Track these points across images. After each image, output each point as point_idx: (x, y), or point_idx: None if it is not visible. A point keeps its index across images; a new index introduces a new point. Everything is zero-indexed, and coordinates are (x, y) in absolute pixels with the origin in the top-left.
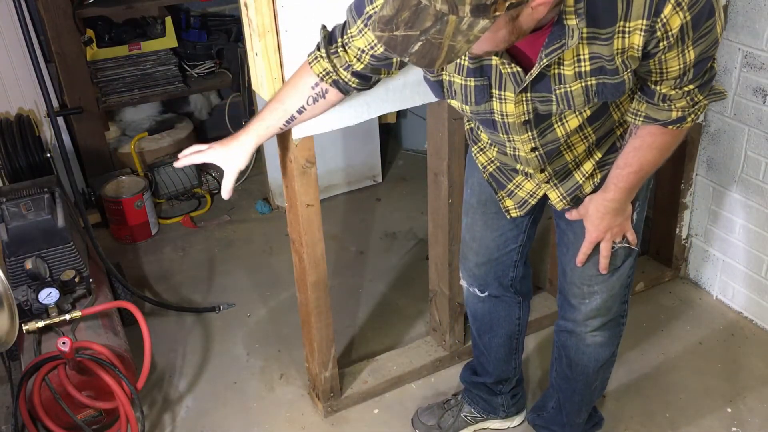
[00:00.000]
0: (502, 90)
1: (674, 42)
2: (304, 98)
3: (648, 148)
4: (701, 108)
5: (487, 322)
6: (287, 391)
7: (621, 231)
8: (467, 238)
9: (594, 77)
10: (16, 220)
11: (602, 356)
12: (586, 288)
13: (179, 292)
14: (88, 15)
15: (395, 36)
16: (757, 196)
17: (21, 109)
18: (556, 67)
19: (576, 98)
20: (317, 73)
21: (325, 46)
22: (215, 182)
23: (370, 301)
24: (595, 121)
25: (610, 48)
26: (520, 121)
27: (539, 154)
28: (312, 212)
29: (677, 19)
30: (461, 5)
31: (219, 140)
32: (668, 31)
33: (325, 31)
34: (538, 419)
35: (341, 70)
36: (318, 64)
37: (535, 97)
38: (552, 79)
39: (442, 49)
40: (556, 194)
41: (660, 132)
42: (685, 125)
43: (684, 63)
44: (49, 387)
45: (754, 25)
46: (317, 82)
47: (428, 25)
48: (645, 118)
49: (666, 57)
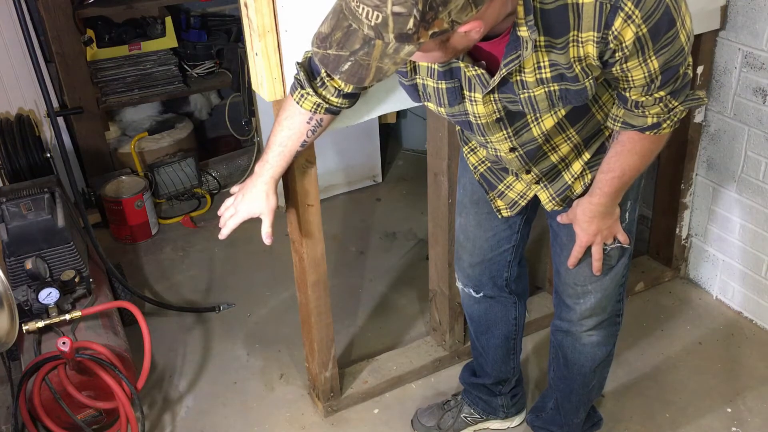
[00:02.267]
0: (471, 91)
1: (631, 53)
2: (303, 135)
3: (629, 153)
4: (678, 114)
5: (483, 323)
6: (287, 391)
7: (611, 233)
8: (461, 238)
9: (556, 83)
10: (16, 220)
11: (599, 355)
12: (580, 288)
13: (179, 292)
14: (88, 15)
15: (328, 54)
16: (757, 196)
17: (21, 109)
18: (518, 74)
19: (540, 102)
20: (308, 109)
21: (309, 82)
22: (215, 182)
23: (370, 301)
24: (577, 122)
25: (567, 56)
26: (492, 119)
27: (519, 154)
28: (312, 212)
29: (629, 31)
30: (385, 32)
31: (240, 190)
32: (622, 43)
33: (303, 68)
34: (536, 420)
35: (332, 98)
36: (306, 101)
37: (502, 98)
38: (515, 85)
39: (370, 69)
40: (546, 195)
41: (639, 138)
42: (663, 131)
43: (648, 72)
44: (49, 387)
45: (754, 25)
46: (311, 117)
47: (357, 47)
48: (623, 123)
49: (627, 66)
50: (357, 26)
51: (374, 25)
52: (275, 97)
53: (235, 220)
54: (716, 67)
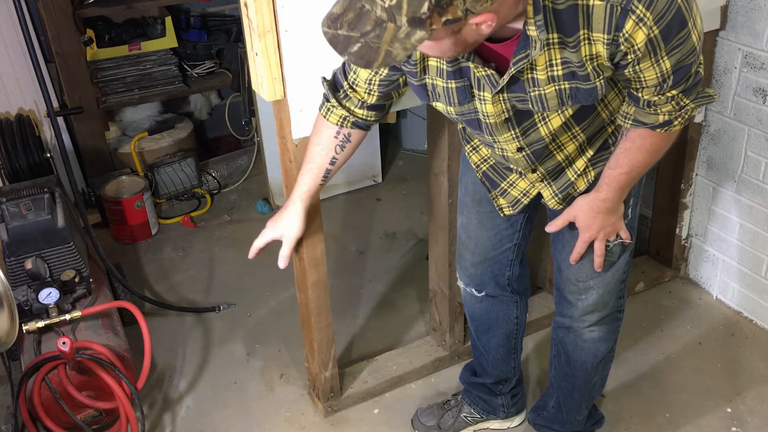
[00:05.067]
0: (481, 90)
1: (643, 55)
2: (332, 151)
3: (638, 150)
4: (689, 111)
5: (484, 322)
6: (287, 391)
7: (614, 230)
8: (463, 237)
9: (567, 81)
10: (16, 220)
11: (600, 351)
12: (581, 284)
13: (179, 292)
14: (88, 15)
15: (338, 34)
16: (756, 196)
17: (21, 109)
18: (529, 72)
19: (550, 101)
20: (335, 123)
21: (333, 95)
22: (215, 182)
23: (370, 301)
24: (583, 120)
25: (579, 54)
26: (501, 119)
27: (526, 154)
28: (312, 212)
29: (641, 34)
30: (399, 15)
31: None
32: (633, 45)
33: (327, 82)
34: (538, 419)
35: (357, 110)
36: (332, 114)
37: (512, 97)
38: (526, 83)
39: (379, 53)
40: (549, 192)
41: (649, 135)
42: (674, 128)
43: (661, 72)
44: (49, 387)
45: (754, 25)
46: (338, 131)
47: (368, 29)
48: (634, 121)
49: (640, 67)
50: (370, 7)
51: (388, 6)
52: (275, 97)
53: (259, 240)
54: (716, 67)
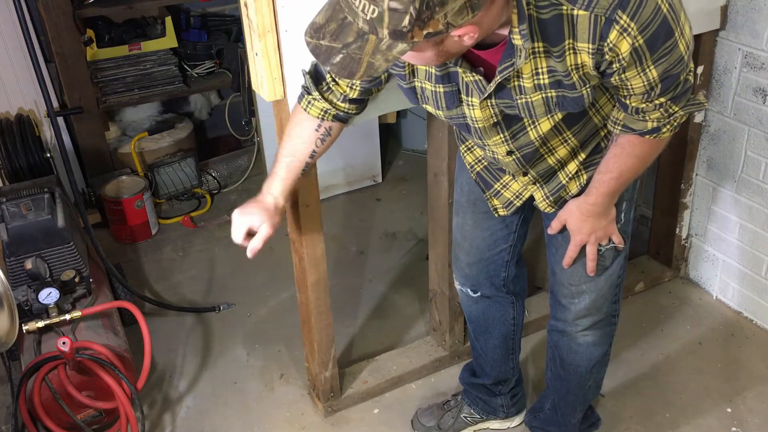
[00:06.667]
0: (469, 96)
1: (628, 64)
2: (312, 144)
3: (627, 155)
4: (678, 119)
5: (482, 323)
6: (287, 391)
7: (606, 234)
8: (458, 237)
9: (553, 90)
10: (16, 220)
11: (594, 355)
12: (574, 288)
13: (179, 292)
14: (88, 15)
15: (320, 45)
16: (756, 196)
17: (21, 109)
18: (516, 80)
19: (537, 108)
20: (316, 116)
21: (316, 87)
22: (215, 182)
23: (370, 301)
24: (573, 125)
25: (564, 64)
26: (489, 123)
27: (516, 157)
28: (312, 212)
29: (625, 43)
30: (380, 27)
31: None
32: (618, 54)
33: (309, 74)
34: (534, 421)
35: (339, 103)
36: (313, 107)
37: (500, 103)
38: (513, 90)
39: (361, 64)
40: (541, 194)
41: (638, 141)
42: (663, 135)
43: (648, 81)
44: (49, 387)
45: (754, 25)
46: (320, 124)
47: (350, 41)
48: (623, 127)
49: (626, 76)
50: (352, 19)
51: (369, 19)
52: (275, 97)
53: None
54: (716, 67)
